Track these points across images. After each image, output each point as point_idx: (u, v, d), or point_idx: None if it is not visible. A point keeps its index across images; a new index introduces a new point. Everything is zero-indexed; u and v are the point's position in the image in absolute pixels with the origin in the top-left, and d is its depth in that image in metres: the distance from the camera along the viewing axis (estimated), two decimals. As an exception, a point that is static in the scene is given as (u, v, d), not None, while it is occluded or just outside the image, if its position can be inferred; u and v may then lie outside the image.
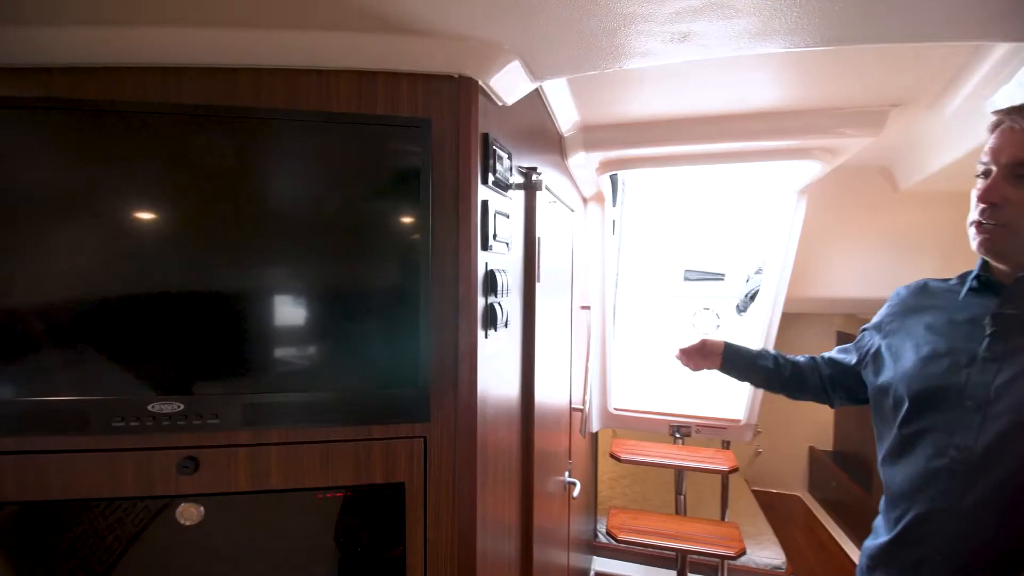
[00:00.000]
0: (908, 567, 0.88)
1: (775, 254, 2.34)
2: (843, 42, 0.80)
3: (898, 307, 1.02)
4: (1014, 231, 0.80)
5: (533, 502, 1.32)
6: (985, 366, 0.82)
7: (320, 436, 0.82)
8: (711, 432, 2.75)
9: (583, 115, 1.62)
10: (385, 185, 0.81)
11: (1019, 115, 0.79)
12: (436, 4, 0.70)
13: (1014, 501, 0.78)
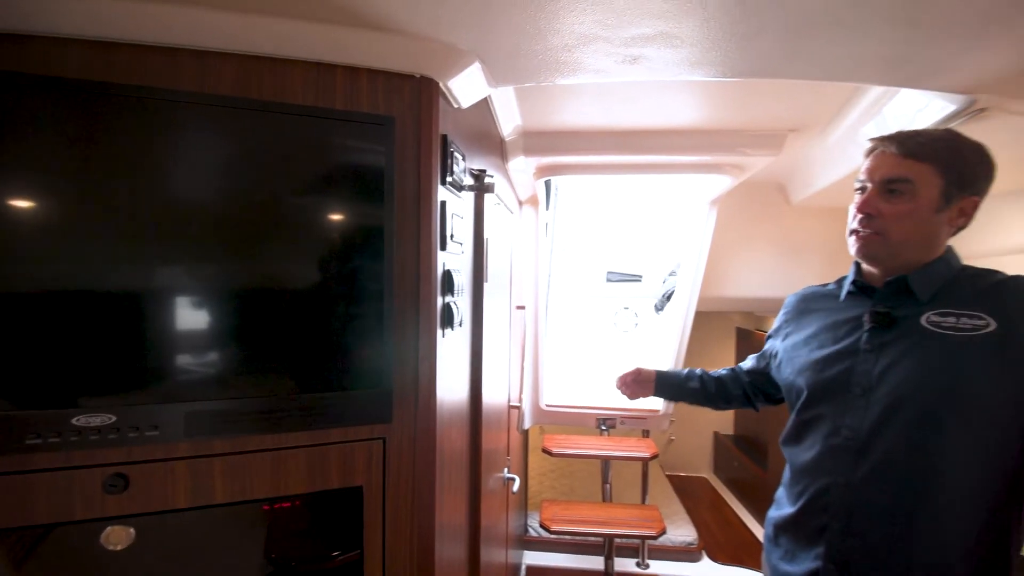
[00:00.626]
0: (810, 533, 0.98)
1: (689, 258, 2.57)
2: (762, 76, 0.92)
3: (791, 313, 1.16)
4: (885, 238, 0.93)
5: (480, 502, 1.34)
6: (866, 357, 0.94)
7: (271, 443, 0.78)
8: (634, 423, 2.94)
9: (525, 121, 1.67)
10: (347, 182, 0.79)
11: (889, 142, 0.93)
12: (406, 3, 0.70)
13: (896, 469, 0.90)
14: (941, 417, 0.86)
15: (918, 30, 0.75)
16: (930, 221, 0.91)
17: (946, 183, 0.89)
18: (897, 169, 0.90)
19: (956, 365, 0.85)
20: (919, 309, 0.91)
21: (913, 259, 0.93)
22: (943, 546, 0.87)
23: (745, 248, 2.69)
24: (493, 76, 0.95)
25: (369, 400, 0.80)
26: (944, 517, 0.86)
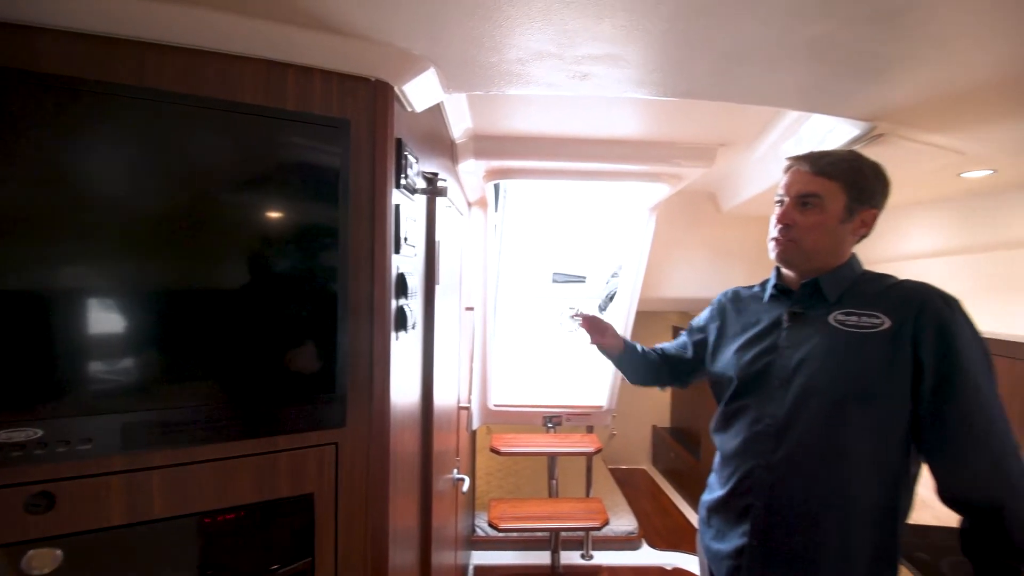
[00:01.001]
0: (738, 513, 1.08)
1: (630, 260, 2.70)
2: (696, 97, 1.01)
3: (718, 311, 1.26)
4: (800, 245, 1.03)
5: (432, 504, 1.35)
6: (785, 352, 1.04)
7: (216, 453, 0.75)
8: (578, 419, 3.05)
9: (476, 124, 1.69)
10: (300, 184, 0.77)
11: (803, 161, 1.04)
12: (361, 7, 0.70)
13: (810, 450, 1.00)
14: (846, 403, 0.97)
15: (827, 67, 0.86)
16: (836, 231, 1.02)
17: (849, 198, 1.00)
18: (809, 185, 1.01)
19: (858, 357, 0.96)
20: (828, 309, 1.02)
21: (823, 264, 1.04)
22: (849, 515, 0.98)
23: (681, 252, 2.86)
24: (448, 82, 0.96)
25: (321, 405, 0.79)
26: (850, 490, 0.97)
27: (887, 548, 0.99)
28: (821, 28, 0.70)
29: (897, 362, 0.94)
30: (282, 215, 0.77)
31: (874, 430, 0.97)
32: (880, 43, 0.75)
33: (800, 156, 1.05)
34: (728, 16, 0.67)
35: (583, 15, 0.67)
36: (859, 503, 0.97)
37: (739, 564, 1.07)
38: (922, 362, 0.93)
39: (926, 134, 1.18)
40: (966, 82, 0.89)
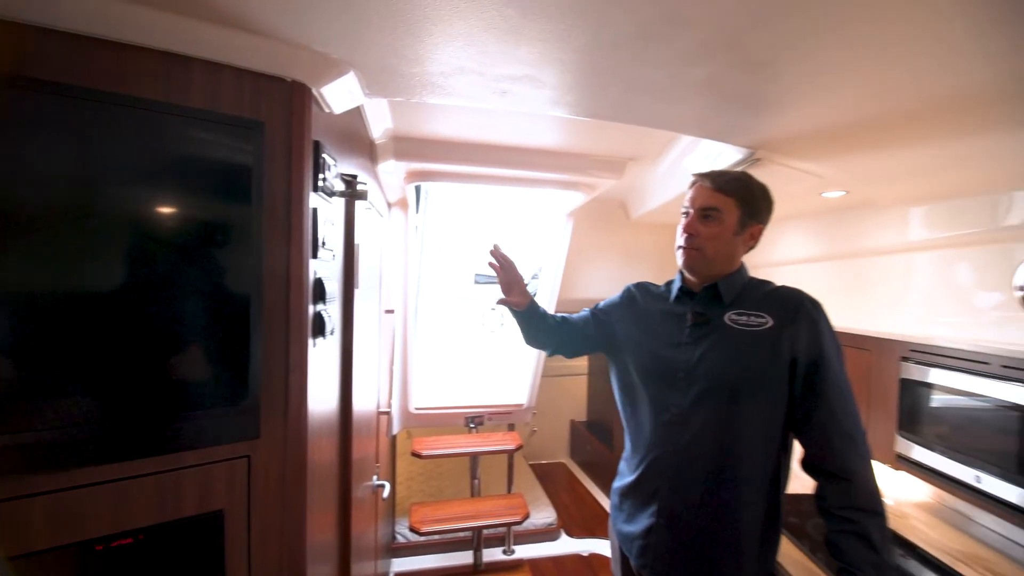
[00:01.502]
0: (647, 496, 1.18)
1: (549, 263, 2.82)
2: (605, 119, 1.10)
3: (628, 299, 1.34)
4: (703, 254, 1.14)
5: (351, 514, 1.32)
6: (687, 348, 1.15)
7: (110, 474, 0.69)
8: (500, 418, 3.11)
9: (397, 125, 1.68)
10: (208, 186, 0.73)
11: (706, 178, 1.16)
12: (280, 11, 0.69)
13: (710, 435, 1.11)
14: (740, 392, 1.10)
15: (714, 102, 0.99)
16: (731, 242, 1.15)
17: (742, 213, 1.13)
18: (710, 200, 1.13)
19: (748, 352, 1.10)
20: (724, 310, 1.15)
21: (720, 271, 1.17)
22: (743, 490, 1.11)
23: (595, 255, 3.04)
24: (369, 87, 0.96)
25: (231, 417, 0.75)
26: (743, 468, 1.11)
27: (773, 514, 1.14)
28: (705, 71, 0.81)
29: (778, 355, 1.08)
30: (184, 217, 0.72)
31: (761, 414, 1.10)
32: (754, 86, 0.88)
33: (704, 173, 1.17)
34: (627, 55, 0.75)
35: (502, 41, 0.71)
36: (751, 479, 1.11)
37: (647, 543, 1.17)
38: (797, 355, 1.08)
39: (794, 161, 1.38)
40: (822, 121, 1.07)
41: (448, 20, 0.68)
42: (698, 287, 1.20)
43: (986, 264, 1.64)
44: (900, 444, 1.69)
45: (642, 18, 0.65)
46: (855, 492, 1.04)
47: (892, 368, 1.74)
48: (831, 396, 1.08)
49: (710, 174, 1.16)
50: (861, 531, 1.00)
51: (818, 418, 1.08)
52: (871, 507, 1.02)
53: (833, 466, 1.07)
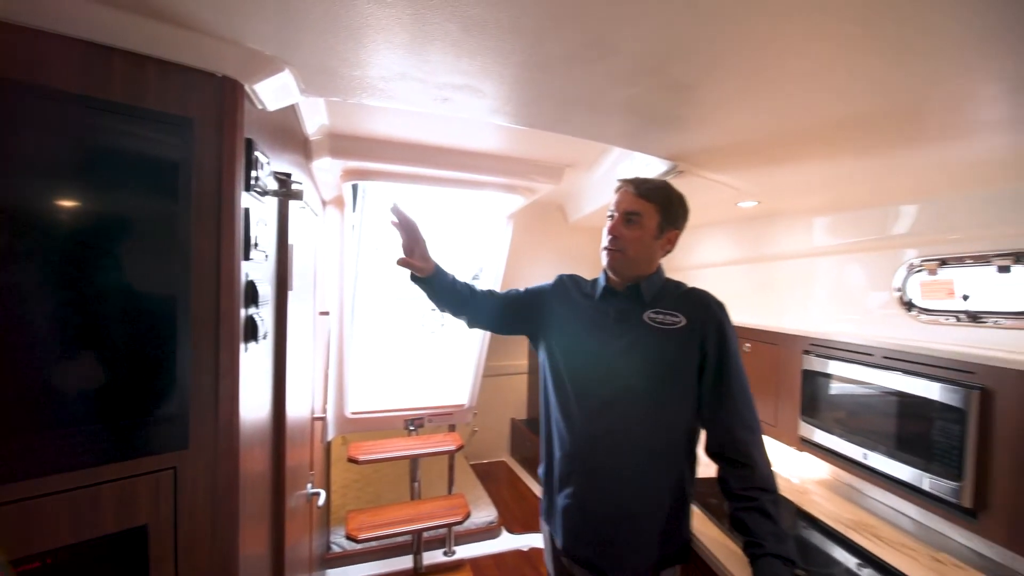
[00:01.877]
0: (568, 479, 1.26)
1: (491, 263, 2.85)
2: (541, 128, 1.15)
3: (560, 289, 1.40)
4: (625, 255, 1.22)
5: (284, 525, 1.27)
6: (612, 341, 1.23)
7: (13, 494, 0.63)
8: (441, 419, 3.09)
9: (333, 122, 1.64)
10: (130, 184, 0.69)
11: (630, 184, 1.24)
12: (215, 6, 0.66)
13: (629, 422, 1.20)
14: (656, 384, 1.20)
15: (640, 119, 1.07)
16: (651, 245, 1.24)
17: (661, 218, 1.23)
18: (633, 205, 1.22)
19: (665, 348, 1.20)
20: (643, 309, 1.25)
21: (641, 272, 1.26)
22: (659, 472, 1.21)
23: (535, 256, 3.11)
24: (306, 86, 0.94)
25: (155, 427, 0.71)
26: (657, 453, 1.20)
27: (683, 494, 1.24)
28: (630, 92, 0.88)
29: (690, 352, 1.20)
30: (103, 215, 0.67)
31: (674, 404, 1.21)
32: (676, 106, 0.97)
33: (628, 180, 1.25)
34: (560, 73, 0.81)
35: (444, 52, 0.73)
36: (664, 463, 1.21)
37: (569, 524, 1.25)
38: (706, 352, 1.20)
39: (713, 173, 1.51)
40: (736, 139, 1.19)
41: (391, 29, 0.69)
42: (621, 286, 1.29)
43: (874, 268, 1.88)
44: (803, 428, 1.89)
45: (572, 43, 0.70)
46: (755, 475, 1.15)
47: (796, 360, 1.94)
48: (734, 390, 1.20)
49: (634, 181, 1.24)
50: (761, 507, 1.12)
51: (723, 410, 1.20)
52: (768, 487, 1.15)
53: (735, 453, 1.18)
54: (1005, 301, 1.48)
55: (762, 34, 0.67)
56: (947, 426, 1.38)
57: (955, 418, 1.35)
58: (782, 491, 1.79)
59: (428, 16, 0.63)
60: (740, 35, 0.68)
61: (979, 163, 1.22)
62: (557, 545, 1.33)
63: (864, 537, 1.58)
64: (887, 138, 1.07)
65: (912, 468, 1.45)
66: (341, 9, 0.65)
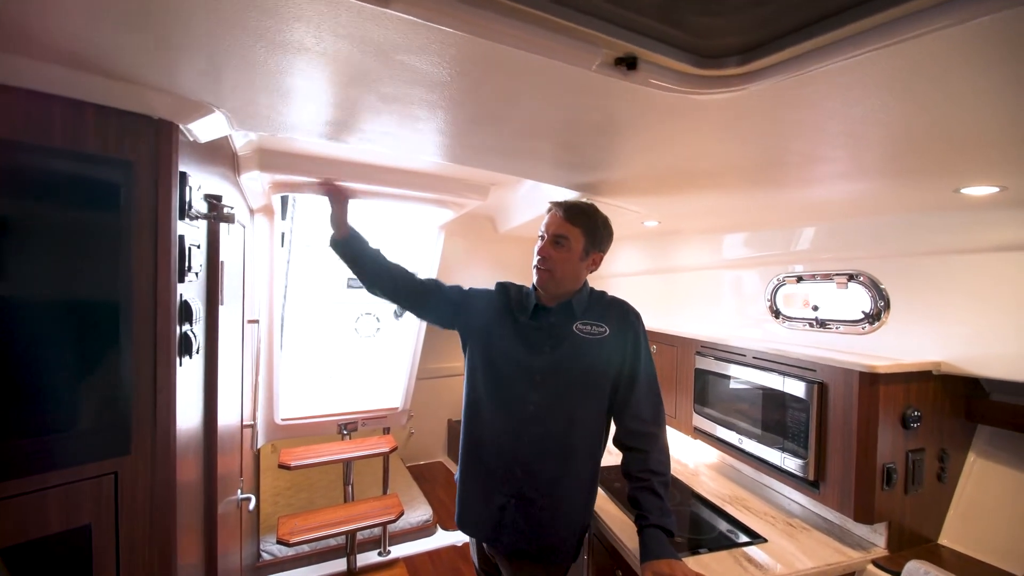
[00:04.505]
0: (501, 480, 1.36)
1: (423, 271, 2.96)
2: (464, 164, 1.31)
3: (500, 299, 1.48)
4: (553, 275, 1.34)
5: (216, 531, 1.33)
6: (538, 355, 1.35)
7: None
8: (375, 423, 3.15)
9: (261, 138, 1.69)
10: (79, 218, 0.76)
11: (560, 207, 1.35)
12: (145, 63, 0.75)
13: (558, 426, 1.33)
14: (583, 387, 1.34)
15: (545, 163, 1.26)
16: (577, 266, 1.36)
17: (586, 242, 1.36)
18: (561, 228, 1.33)
19: (592, 355, 1.35)
20: (573, 321, 1.38)
21: (567, 289, 1.39)
22: (578, 467, 1.37)
23: (468, 264, 3.26)
24: (239, 124, 1.03)
25: (97, 435, 0.79)
26: (579, 449, 1.37)
27: (594, 479, 1.42)
28: (531, 145, 1.06)
29: (611, 357, 1.36)
30: (51, 244, 0.74)
31: (595, 404, 1.37)
32: (573, 156, 1.16)
33: (558, 203, 1.38)
34: (468, 131, 0.97)
35: (366, 110, 0.86)
36: (584, 456, 1.37)
37: (502, 520, 1.36)
38: (624, 357, 1.37)
39: (615, 200, 1.73)
40: (630, 177, 1.38)
41: (310, 89, 0.81)
42: (552, 302, 1.41)
43: (753, 281, 2.21)
44: (696, 419, 2.19)
45: (475, 111, 0.87)
46: (650, 460, 1.35)
47: (690, 360, 2.23)
48: (642, 390, 1.38)
49: (563, 204, 1.37)
50: (651, 487, 1.32)
51: (630, 408, 1.38)
52: (659, 471, 1.35)
53: (635, 442, 1.37)
54: (844, 311, 1.84)
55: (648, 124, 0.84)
56: (797, 414, 1.69)
57: (802, 407, 1.66)
58: (678, 473, 2.08)
59: (360, 77, 0.74)
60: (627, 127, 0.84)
61: (825, 202, 1.51)
62: (484, 546, 1.44)
63: (737, 509, 1.88)
64: (758, 179, 1.26)
65: (774, 450, 1.76)
66: (260, 65, 0.75)
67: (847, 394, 1.53)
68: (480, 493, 1.42)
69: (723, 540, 1.67)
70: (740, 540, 1.66)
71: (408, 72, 0.70)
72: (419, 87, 0.76)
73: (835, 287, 1.84)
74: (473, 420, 1.45)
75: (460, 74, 0.70)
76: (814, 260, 1.94)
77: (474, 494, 1.44)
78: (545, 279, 1.37)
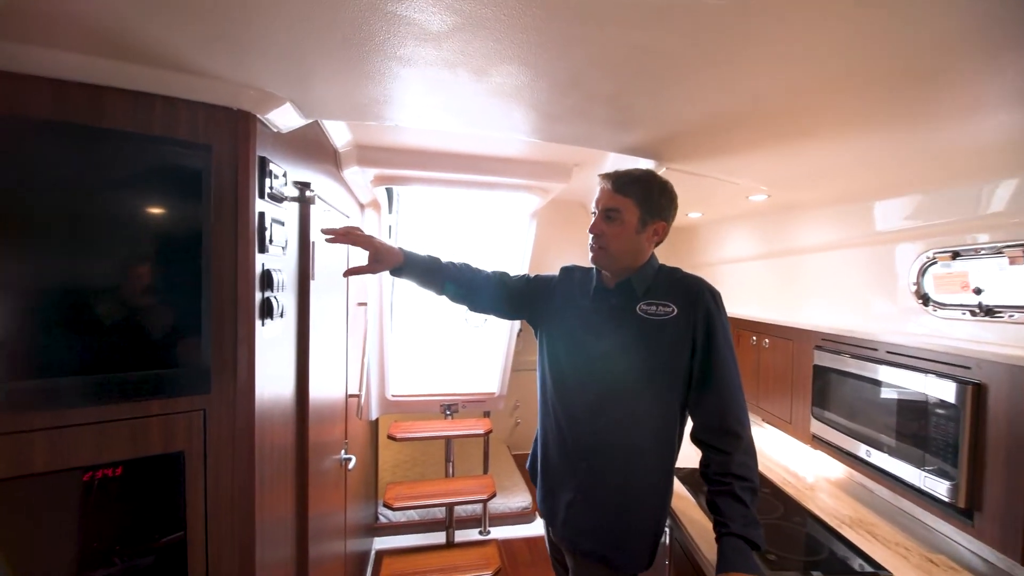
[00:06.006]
0: (567, 473, 1.33)
1: (516, 261, 3.01)
2: (547, 140, 1.31)
3: (563, 284, 1.43)
4: (607, 252, 1.26)
5: (308, 482, 1.50)
6: (605, 338, 1.27)
7: (94, 416, 0.89)
8: (474, 406, 3.30)
9: (357, 136, 1.88)
10: (166, 196, 0.94)
11: (608, 179, 1.27)
12: (229, 61, 0.88)
13: (624, 414, 1.25)
14: (650, 375, 1.24)
15: (602, 125, 1.18)
16: (634, 239, 1.26)
17: (641, 212, 1.24)
18: (611, 201, 1.25)
19: (657, 339, 1.24)
20: (636, 301, 1.28)
21: (628, 265, 1.29)
22: (648, 462, 1.27)
23: (559, 252, 3.22)
24: (305, 113, 1.16)
25: (186, 375, 0.96)
26: (649, 442, 1.27)
27: (668, 479, 1.30)
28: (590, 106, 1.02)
29: (681, 340, 1.23)
30: (148, 223, 0.92)
31: (666, 394, 1.25)
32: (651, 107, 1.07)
33: (607, 175, 1.29)
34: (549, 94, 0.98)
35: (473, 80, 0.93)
36: (655, 451, 1.27)
37: (568, 515, 1.32)
38: (695, 341, 1.23)
39: (707, 168, 1.55)
40: (710, 120, 1.15)
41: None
42: (612, 282, 1.32)
43: (898, 260, 1.80)
44: (814, 425, 1.88)
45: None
46: (732, 462, 1.19)
47: (808, 356, 1.92)
48: (719, 379, 1.22)
49: (612, 176, 1.28)
50: (733, 492, 1.17)
51: (707, 398, 1.23)
52: (743, 474, 1.18)
53: (716, 441, 1.22)
54: (1018, 294, 1.41)
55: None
56: (943, 423, 1.35)
57: (950, 414, 1.33)
58: (789, 487, 1.80)
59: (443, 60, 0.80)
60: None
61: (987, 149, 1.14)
62: (553, 536, 1.40)
63: (860, 534, 1.56)
64: (893, 112, 0.96)
65: (911, 466, 1.43)
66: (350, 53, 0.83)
67: (1016, 398, 1.17)
68: (549, 485, 1.39)
69: (840, 566, 1.40)
70: (865, 571, 1.37)
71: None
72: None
73: (1007, 263, 1.42)
74: (542, 409, 1.42)
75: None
76: (1006, 226, 1.46)
77: (545, 485, 1.40)
78: (600, 256, 1.28)
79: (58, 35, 0.78)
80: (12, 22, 0.74)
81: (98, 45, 0.81)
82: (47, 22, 0.74)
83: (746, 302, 2.63)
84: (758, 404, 2.41)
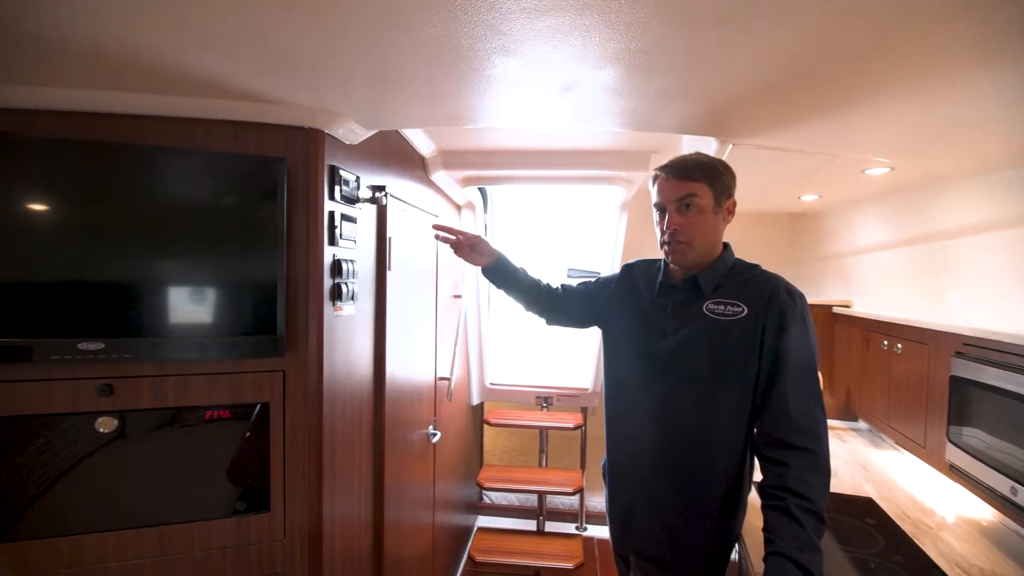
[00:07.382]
0: (631, 475, 1.31)
1: (609, 254, 2.96)
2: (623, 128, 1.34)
3: (625, 282, 1.39)
4: (691, 246, 1.18)
5: (384, 439, 1.72)
6: (669, 338, 1.22)
7: (204, 369, 1.20)
8: (568, 400, 3.32)
9: (439, 143, 2.07)
10: (256, 201, 1.20)
11: (667, 169, 1.20)
12: (302, 95, 1.11)
13: (686, 420, 1.20)
14: (715, 378, 1.17)
15: (698, 103, 1.14)
16: (713, 223, 1.19)
17: (715, 192, 1.17)
18: (682, 189, 1.17)
19: (723, 341, 1.16)
20: (703, 300, 1.20)
21: (706, 256, 1.21)
22: (714, 469, 1.20)
23: (650, 245, 3.07)
24: (366, 126, 1.36)
25: (269, 342, 1.21)
26: (716, 449, 1.20)
27: (738, 489, 1.21)
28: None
29: (750, 343, 1.14)
30: (244, 221, 1.20)
31: (733, 399, 1.17)
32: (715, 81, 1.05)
33: (663, 166, 1.23)
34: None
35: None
36: (722, 458, 1.20)
37: (630, 517, 1.30)
38: (764, 344, 1.13)
39: (768, 138, 1.39)
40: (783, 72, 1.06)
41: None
42: (679, 278, 1.25)
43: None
44: (949, 451, 1.55)
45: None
46: (789, 476, 1.06)
47: (944, 364, 1.59)
48: (785, 388, 1.10)
49: (670, 165, 1.21)
50: (786, 508, 1.04)
51: (770, 407, 1.12)
52: (801, 491, 1.05)
53: (772, 452, 1.11)
54: None
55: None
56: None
57: None
58: (904, 521, 1.53)
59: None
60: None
61: None
62: (616, 534, 1.38)
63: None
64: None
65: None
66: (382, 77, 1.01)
67: None
68: (614, 486, 1.37)
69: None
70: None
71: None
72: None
73: None
74: (607, 409, 1.39)
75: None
76: None
77: (612, 486, 1.39)
78: (683, 252, 1.20)
79: (197, 89, 1.08)
80: (159, 79, 1.04)
81: (213, 90, 1.08)
82: (191, 83, 1.03)
83: (879, 300, 2.22)
84: (888, 423, 2.03)
